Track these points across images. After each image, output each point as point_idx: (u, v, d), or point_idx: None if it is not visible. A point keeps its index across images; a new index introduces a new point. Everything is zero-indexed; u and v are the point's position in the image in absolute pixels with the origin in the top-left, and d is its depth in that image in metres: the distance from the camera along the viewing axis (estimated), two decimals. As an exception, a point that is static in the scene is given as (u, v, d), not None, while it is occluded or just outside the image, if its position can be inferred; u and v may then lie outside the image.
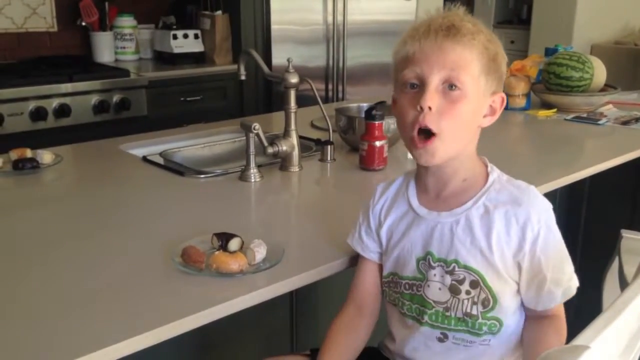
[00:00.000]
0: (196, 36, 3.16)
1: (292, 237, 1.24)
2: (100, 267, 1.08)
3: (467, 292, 1.00)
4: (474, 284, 0.99)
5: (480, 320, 1.01)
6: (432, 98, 0.93)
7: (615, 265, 1.84)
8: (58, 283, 1.02)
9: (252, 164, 1.53)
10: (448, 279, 1.01)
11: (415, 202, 1.05)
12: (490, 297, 0.99)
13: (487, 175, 1.01)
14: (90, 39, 3.13)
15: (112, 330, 0.87)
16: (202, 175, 1.57)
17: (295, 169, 1.61)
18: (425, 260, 1.03)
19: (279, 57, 3.08)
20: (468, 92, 0.94)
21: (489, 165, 1.03)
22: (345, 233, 1.18)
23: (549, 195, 1.66)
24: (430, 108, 0.93)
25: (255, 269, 1.05)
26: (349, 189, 1.56)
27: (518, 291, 1.01)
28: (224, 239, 1.09)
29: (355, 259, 1.13)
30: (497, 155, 1.86)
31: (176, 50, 3.09)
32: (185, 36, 3.13)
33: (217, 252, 1.05)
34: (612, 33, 5.08)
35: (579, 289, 1.00)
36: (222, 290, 0.99)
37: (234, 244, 1.09)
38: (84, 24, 3.07)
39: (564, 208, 2.29)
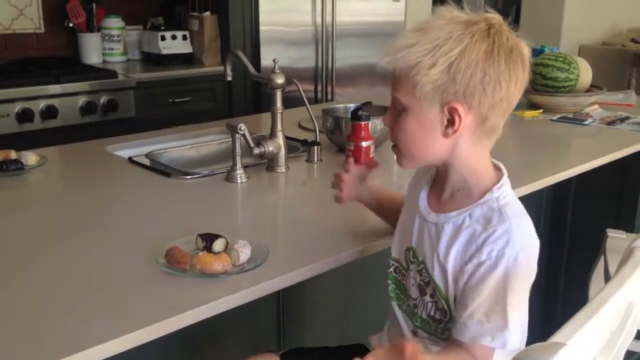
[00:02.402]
0: (184, 37, 3.16)
1: (278, 237, 1.24)
2: (83, 268, 1.07)
3: (431, 296, 1.00)
4: (433, 293, 1.00)
5: (441, 325, 1.00)
6: (386, 117, 0.99)
7: (601, 264, 1.85)
8: (41, 284, 1.01)
9: (239, 165, 1.52)
10: (418, 278, 1.02)
11: (423, 193, 1.04)
12: (446, 308, 0.98)
13: (489, 191, 0.96)
14: (77, 40, 3.11)
15: (95, 332, 0.87)
16: (189, 177, 1.57)
17: (281, 169, 1.61)
18: (408, 252, 1.05)
19: (267, 58, 3.08)
20: (408, 108, 0.93)
21: (501, 183, 0.96)
22: (331, 233, 1.19)
23: (536, 195, 1.68)
24: (388, 125, 0.99)
25: (240, 270, 1.05)
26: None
27: None
28: (208, 239, 1.09)
29: (344, 258, 1.14)
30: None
31: (164, 52, 3.09)
32: (174, 37, 3.13)
33: (201, 253, 1.05)
34: (600, 34, 5.12)
35: (567, 288, 0.99)
36: (205, 291, 0.98)
37: (218, 245, 1.08)
38: (71, 25, 3.06)
39: (550, 208, 2.30)
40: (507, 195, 0.96)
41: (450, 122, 0.91)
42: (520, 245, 0.91)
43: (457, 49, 0.87)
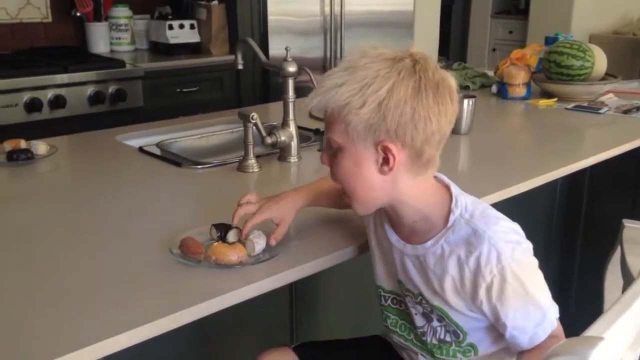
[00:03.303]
0: (192, 26, 3.13)
1: (292, 228, 1.22)
2: (96, 259, 1.06)
3: (439, 321, 1.00)
4: (441, 318, 1.00)
5: (453, 347, 1.01)
6: (323, 156, 0.99)
7: (617, 255, 1.83)
8: (53, 276, 1.00)
9: (251, 155, 1.50)
10: (420, 308, 1.02)
11: (388, 227, 1.03)
12: (458, 330, 0.99)
13: (450, 212, 0.96)
14: (85, 30, 3.08)
15: (110, 323, 0.85)
16: (200, 166, 1.55)
17: (294, 159, 1.59)
18: (400, 284, 1.04)
19: (275, 49, 3.05)
20: (343, 147, 0.93)
21: (455, 198, 0.97)
22: (345, 224, 1.16)
23: (550, 184, 1.65)
24: (327, 164, 0.98)
25: (255, 261, 1.03)
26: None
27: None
28: (222, 230, 1.07)
29: (358, 250, 1.12)
30: (496, 145, 1.87)
31: (172, 41, 3.06)
32: (181, 26, 3.10)
33: (215, 244, 1.03)
34: (611, 23, 5.06)
35: (580, 278, 0.98)
36: (221, 282, 0.97)
37: (232, 235, 1.07)
38: (78, 14, 3.03)
39: (564, 197, 2.28)
40: (467, 205, 0.96)
41: (385, 160, 0.91)
42: (510, 247, 0.91)
43: (385, 87, 0.88)
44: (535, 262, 0.95)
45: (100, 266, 1.03)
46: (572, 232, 2.29)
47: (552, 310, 0.95)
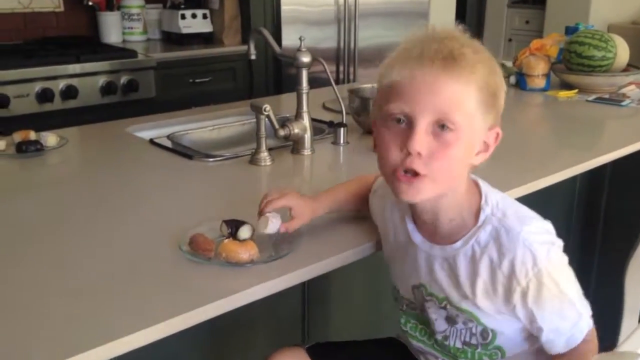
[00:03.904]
0: (205, 16, 3.09)
1: (305, 224, 1.19)
2: (104, 254, 1.03)
3: (464, 324, 0.96)
4: (467, 320, 0.95)
5: (479, 350, 0.96)
6: (421, 142, 0.84)
7: (638, 252, 1.78)
8: (60, 271, 0.97)
9: (263, 147, 1.47)
10: (443, 312, 0.97)
11: (412, 226, 0.98)
12: (489, 330, 0.94)
13: (480, 210, 0.91)
14: (97, 19, 3.06)
15: (118, 323, 0.83)
16: (211, 159, 1.52)
17: (307, 152, 1.55)
18: (419, 289, 0.99)
19: (288, 39, 3.02)
20: (462, 133, 0.84)
21: (484, 195, 0.92)
22: (359, 220, 1.13)
23: (569, 180, 1.61)
24: (419, 153, 0.84)
25: (266, 259, 1.00)
26: (362, 173, 1.49)
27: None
28: (233, 226, 1.04)
29: (372, 247, 1.08)
30: (514, 138, 1.81)
31: (184, 31, 3.03)
32: (194, 16, 3.07)
33: (226, 241, 1.00)
34: (630, 13, 4.96)
35: (599, 277, 0.95)
36: (231, 280, 0.94)
37: (244, 232, 1.03)
38: (90, 3, 3.01)
39: (584, 192, 2.22)
40: (498, 203, 0.92)
41: (485, 147, 0.90)
42: (545, 248, 0.87)
43: (496, 68, 0.89)
44: (566, 259, 0.92)
45: (107, 262, 1.00)
46: (592, 228, 2.24)
47: (587, 310, 0.93)
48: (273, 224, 1.03)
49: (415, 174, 0.86)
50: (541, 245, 0.87)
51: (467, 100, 0.84)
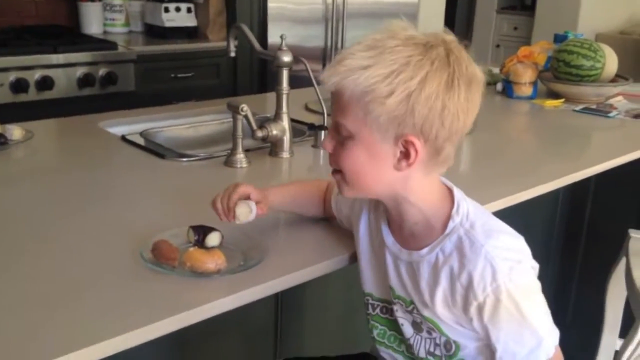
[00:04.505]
0: (189, 10, 3.03)
1: (279, 232, 1.13)
2: (63, 260, 0.97)
3: (429, 332, 0.93)
4: (431, 329, 0.92)
5: None
6: (327, 141, 0.90)
7: (620, 266, 1.75)
8: (14, 279, 0.90)
9: (240, 149, 1.41)
10: (409, 317, 0.94)
11: (385, 227, 0.96)
12: (452, 342, 0.91)
13: (450, 218, 0.89)
14: (78, 9, 2.99)
15: (71, 337, 0.77)
16: (185, 159, 1.46)
17: (285, 155, 1.50)
18: (388, 292, 0.97)
19: (275, 36, 2.96)
20: (356, 136, 0.84)
21: (457, 204, 0.89)
22: (334, 229, 1.08)
23: (552, 193, 1.57)
24: (330, 151, 0.89)
25: (234, 270, 0.94)
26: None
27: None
28: (201, 232, 0.99)
29: (347, 260, 1.03)
30: (498, 146, 1.78)
31: (167, 24, 2.97)
32: (178, 9, 3.00)
33: (192, 249, 0.95)
34: (618, 23, 4.96)
35: (578, 289, 0.90)
36: (196, 292, 0.88)
37: (212, 239, 0.98)
38: (71, -8, 2.94)
39: (567, 203, 2.19)
40: (469, 214, 0.89)
41: (404, 155, 0.84)
42: (507, 264, 0.84)
43: (417, 78, 0.80)
44: (536, 284, 0.87)
45: (65, 269, 0.94)
46: (574, 239, 2.21)
47: (551, 338, 0.87)
48: (254, 211, 1.00)
49: (335, 172, 0.91)
50: (504, 261, 0.83)
51: (351, 105, 0.82)
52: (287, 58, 1.47)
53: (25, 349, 0.75)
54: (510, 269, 0.83)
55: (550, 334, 0.87)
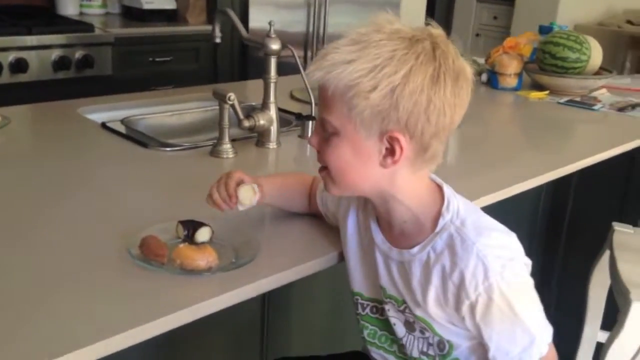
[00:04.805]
0: (168, -8, 2.96)
1: (268, 228, 1.10)
2: (43, 257, 0.92)
3: (422, 332, 0.92)
4: (424, 329, 0.91)
5: None
6: (313, 137, 0.89)
7: (604, 259, 1.76)
8: (-9, 275, 0.86)
9: (226, 139, 1.37)
10: (402, 317, 0.93)
11: (375, 226, 0.94)
12: (445, 342, 0.90)
13: (440, 215, 0.87)
14: (53, -11, 2.90)
15: (55, 339, 0.73)
16: (168, 148, 1.41)
17: (272, 145, 1.47)
18: (379, 291, 0.95)
19: (256, 20, 2.91)
20: (341, 132, 0.83)
21: (447, 201, 0.88)
22: (324, 228, 1.05)
23: (534, 187, 1.56)
24: (315, 147, 0.88)
25: (228, 266, 0.91)
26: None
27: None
28: (190, 227, 0.95)
29: (336, 258, 1.00)
30: (481, 138, 1.76)
31: (146, 6, 2.90)
32: (157, -9, 2.93)
33: (181, 245, 0.91)
34: (596, 14, 4.99)
35: (560, 281, 0.89)
36: (186, 291, 0.85)
37: (201, 234, 0.95)
38: (46, -29, 2.84)
39: (549, 197, 2.19)
40: (459, 211, 0.88)
41: (390, 152, 0.83)
42: (499, 262, 0.82)
43: (402, 72, 0.78)
44: (529, 281, 0.86)
45: (46, 267, 0.89)
46: (556, 232, 2.22)
47: (544, 336, 0.86)
48: (258, 191, 0.98)
49: (322, 169, 0.89)
50: (496, 259, 0.82)
51: (334, 100, 0.81)
52: (275, 46, 1.43)
53: (3, 352, 0.71)
54: (502, 267, 0.82)
55: (543, 332, 0.86)
